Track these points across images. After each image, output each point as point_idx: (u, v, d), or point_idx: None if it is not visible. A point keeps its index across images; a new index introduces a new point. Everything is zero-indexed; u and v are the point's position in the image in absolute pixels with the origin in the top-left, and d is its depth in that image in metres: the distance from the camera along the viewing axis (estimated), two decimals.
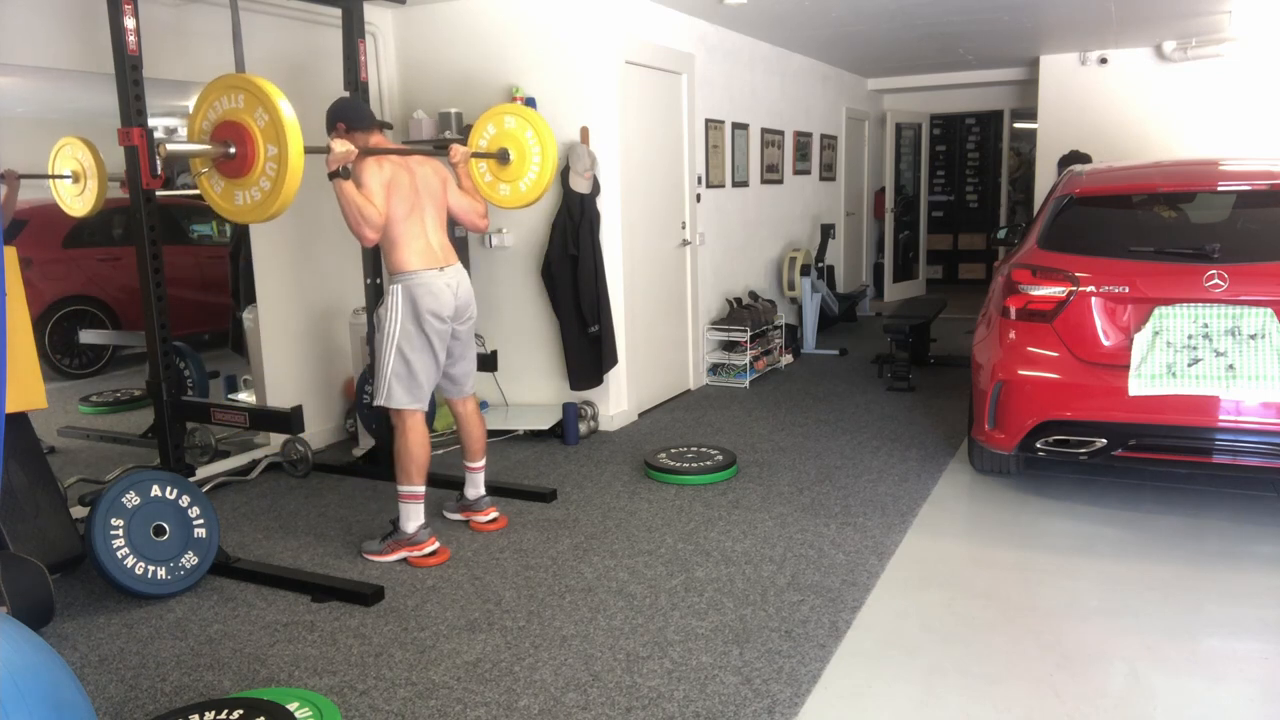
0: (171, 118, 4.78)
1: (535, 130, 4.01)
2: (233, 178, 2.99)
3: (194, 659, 2.93)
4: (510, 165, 4.06)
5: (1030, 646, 2.86)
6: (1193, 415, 3.59)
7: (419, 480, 3.61)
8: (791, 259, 7.68)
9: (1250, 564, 3.41)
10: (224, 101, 2.97)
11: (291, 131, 2.87)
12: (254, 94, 2.90)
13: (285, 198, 2.91)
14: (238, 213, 3.06)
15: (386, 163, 3.48)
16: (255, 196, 2.97)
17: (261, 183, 2.94)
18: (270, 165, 2.91)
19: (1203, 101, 7.95)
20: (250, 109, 2.91)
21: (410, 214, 3.54)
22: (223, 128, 2.97)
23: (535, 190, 4.08)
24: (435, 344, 3.60)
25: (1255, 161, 4.27)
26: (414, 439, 3.60)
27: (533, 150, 4.03)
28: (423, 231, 3.58)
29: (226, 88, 2.97)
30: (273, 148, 2.89)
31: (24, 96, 4.12)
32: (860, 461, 4.71)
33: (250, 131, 2.91)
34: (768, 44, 7.40)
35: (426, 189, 3.63)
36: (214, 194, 3.09)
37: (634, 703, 2.59)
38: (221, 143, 2.95)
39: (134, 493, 3.33)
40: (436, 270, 3.57)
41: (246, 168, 2.95)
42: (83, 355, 4.58)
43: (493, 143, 4.08)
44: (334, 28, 4.56)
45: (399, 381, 3.55)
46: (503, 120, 4.06)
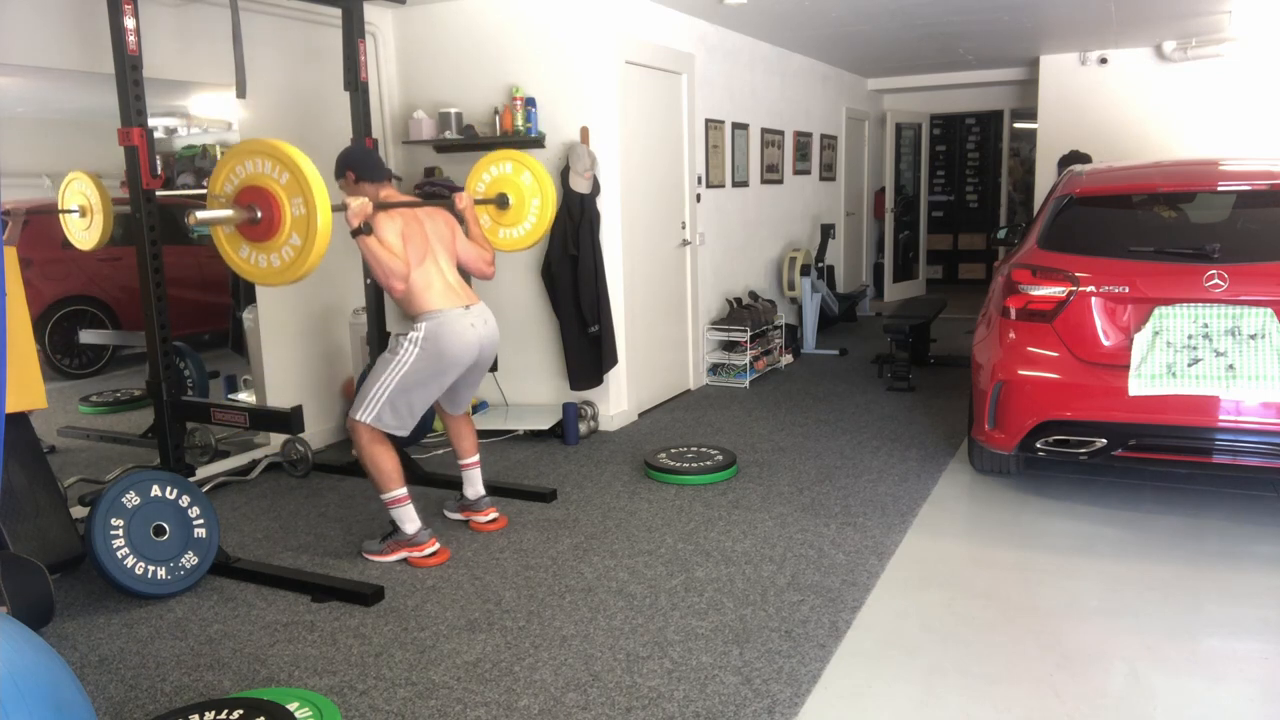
0: (171, 117, 4.78)
1: (531, 171, 4.10)
2: (258, 242, 2.98)
3: (194, 659, 2.93)
4: (509, 210, 4.15)
5: (1030, 646, 2.86)
6: (1193, 415, 3.59)
7: (398, 484, 3.59)
8: (791, 259, 7.68)
9: (1250, 564, 3.41)
10: (241, 169, 2.97)
11: (315, 182, 2.86)
12: (271, 155, 2.90)
13: (314, 260, 2.90)
14: (263, 275, 3.04)
15: (397, 215, 3.52)
16: (288, 255, 2.95)
17: (292, 240, 2.92)
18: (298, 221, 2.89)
19: (1203, 101, 7.95)
20: (270, 170, 2.91)
21: (424, 261, 3.56)
22: (244, 194, 2.96)
23: (536, 233, 4.18)
24: (446, 382, 3.62)
25: (1255, 161, 4.27)
26: (379, 450, 3.56)
27: (531, 194, 4.11)
28: (439, 274, 3.60)
29: (242, 154, 2.97)
30: (298, 202, 2.88)
31: (24, 96, 4.12)
32: (860, 461, 4.71)
33: (273, 191, 2.90)
34: (768, 44, 7.40)
35: (438, 237, 3.66)
36: (237, 258, 3.08)
37: (634, 703, 2.59)
38: (246, 207, 2.95)
39: (134, 493, 3.33)
40: (461, 309, 3.58)
41: (274, 229, 2.93)
42: (83, 355, 4.58)
43: (490, 188, 4.16)
44: (334, 28, 4.56)
45: (391, 409, 3.52)
46: (496, 168, 4.15)
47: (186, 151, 4.85)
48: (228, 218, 2.96)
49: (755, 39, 7.14)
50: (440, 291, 3.55)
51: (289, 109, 4.98)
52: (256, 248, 3.00)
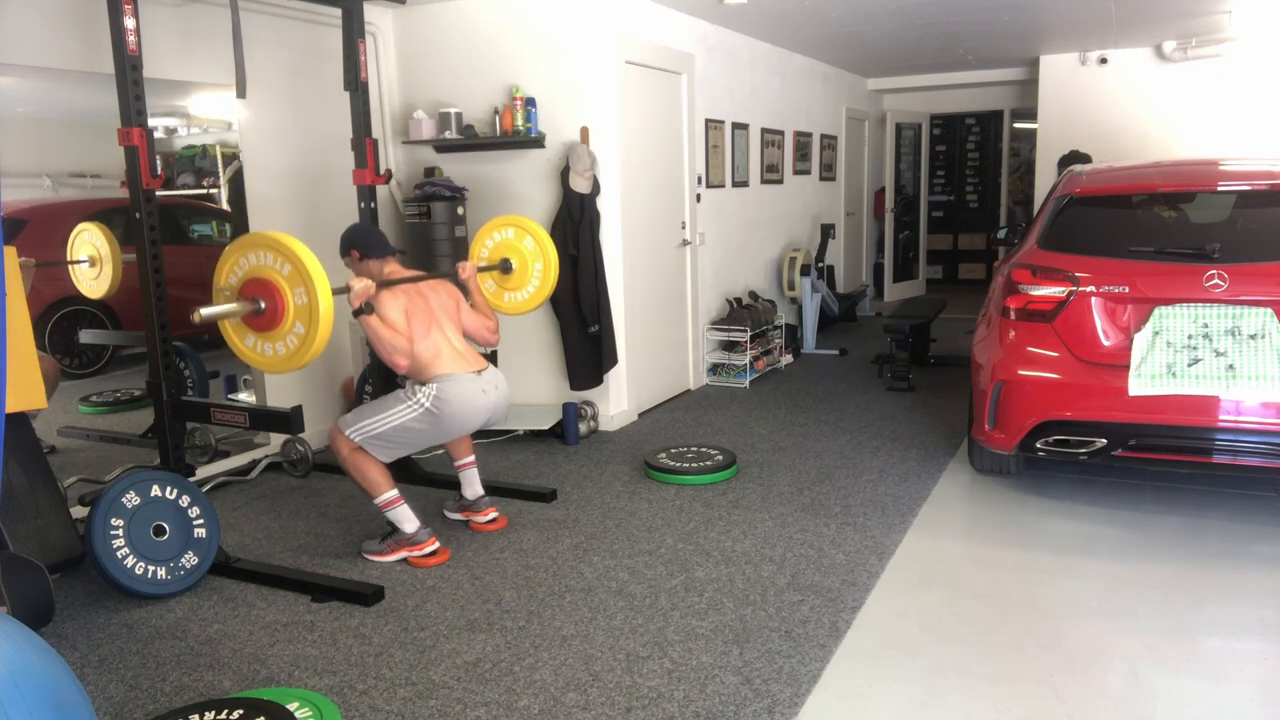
0: (171, 118, 4.78)
1: (534, 236, 4.16)
2: (262, 332, 3.06)
3: (194, 659, 2.93)
4: (513, 274, 4.21)
5: (1030, 646, 2.86)
6: (1193, 415, 3.59)
7: (387, 486, 3.60)
8: (791, 259, 7.68)
9: (1250, 564, 3.41)
10: (244, 261, 3.04)
11: (317, 273, 2.93)
12: (273, 248, 2.97)
13: (321, 339, 2.98)
14: (269, 363, 3.12)
15: (400, 291, 3.56)
16: (292, 344, 3.03)
17: (296, 329, 3.00)
18: (301, 311, 2.98)
19: (1203, 101, 7.95)
20: (272, 262, 2.98)
21: (430, 332, 3.60)
22: (248, 286, 3.03)
23: (540, 297, 4.24)
24: (447, 439, 3.69)
25: (1255, 161, 4.27)
26: (360, 458, 3.57)
27: (534, 259, 4.18)
28: (447, 340, 3.65)
29: (244, 247, 3.04)
30: (300, 292, 2.96)
31: (24, 96, 4.12)
32: (860, 461, 4.71)
33: (275, 283, 2.98)
34: (768, 44, 7.40)
35: (442, 308, 3.71)
36: (243, 346, 3.15)
37: (634, 703, 2.59)
38: (250, 299, 3.03)
39: (134, 493, 3.33)
40: (473, 374, 3.61)
41: (278, 319, 3.01)
42: (83, 355, 4.58)
43: (494, 253, 4.22)
44: (334, 28, 4.56)
45: (384, 442, 3.55)
46: (499, 234, 4.22)
47: (186, 151, 4.85)
48: (232, 311, 3.04)
49: (755, 39, 7.14)
50: (449, 358, 3.60)
51: (289, 109, 4.98)
52: (261, 337, 3.09)
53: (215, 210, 5.15)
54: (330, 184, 5.17)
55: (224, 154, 4.86)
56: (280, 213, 4.94)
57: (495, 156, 5.43)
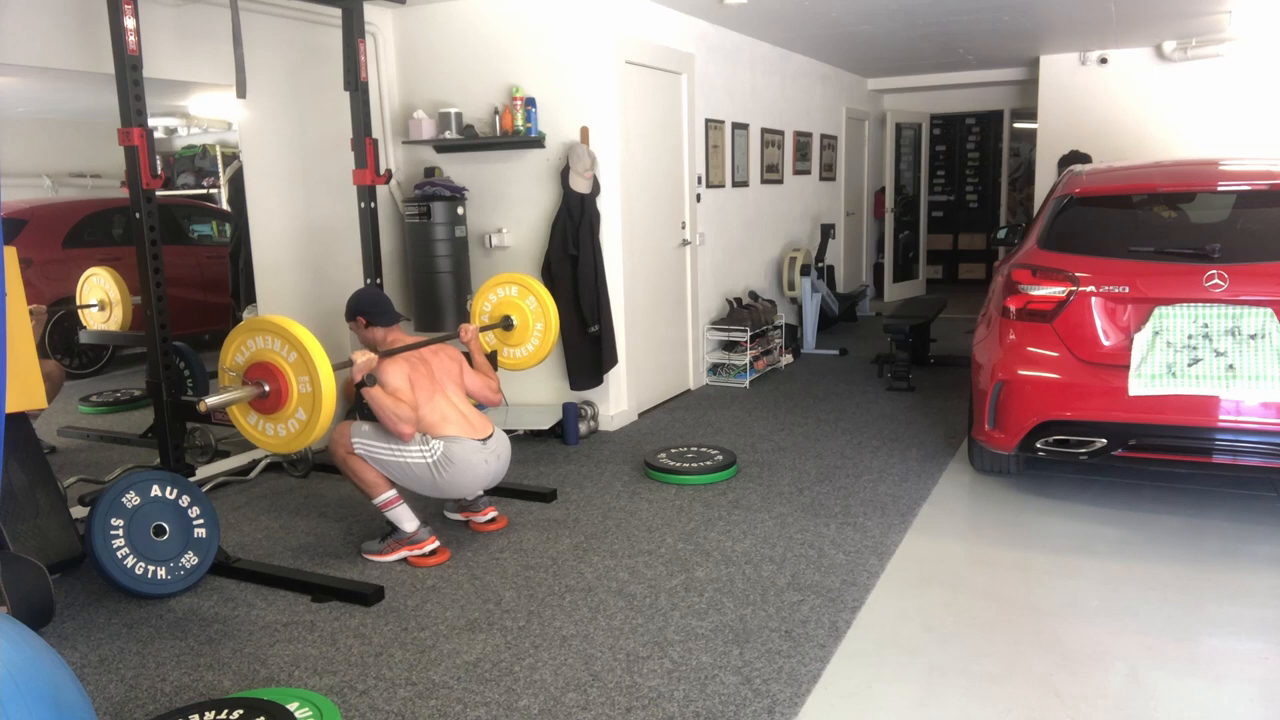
0: (171, 118, 4.79)
1: (535, 296, 4.22)
2: (269, 413, 3.11)
3: (194, 659, 2.93)
4: (514, 331, 4.27)
5: (1030, 646, 2.86)
6: (1193, 415, 3.59)
7: (385, 487, 3.61)
8: (791, 259, 7.68)
9: (1250, 564, 3.41)
10: (251, 344, 3.09)
11: (321, 363, 2.98)
12: (279, 334, 3.02)
13: (323, 424, 3.03)
14: (278, 444, 3.16)
15: (403, 359, 3.59)
16: (294, 427, 3.09)
17: (298, 414, 3.06)
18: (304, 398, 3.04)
19: (1203, 101, 7.95)
20: (279, 348, 3.04)
21: (433, 397, 3.62)
22: (254, 369, 3.09)
23: (539, 354, 4.30)
24: (438, 494, 3.69)
25: (1255, 161, 4.27)
26: (356, 461, 3.58)
27: (535, 318, 4.24)
28: (451, 404, 3.67)
29: (251, 331, 3.09)
30: (304, 380, 3.01)
31: (24, 96, 4.12)
32: (860, 461, 4.71)
33: (281, 369, 3.04)
34: (768, 44, 7.40)
35: (445, 373, 3.74)
36: (246, 424, 3.19)
37: (634, 703, 2.59)
38: (255, 383, 3.08)
39: (134, 493, 3.33)
40: (479, 442, 3.63)
41: (282, 402, 3.06)
42: (83, 355, 4.58)
43: (495, 311, 4.28)
44: (334, 28, 4.56)
45: (383, 470, 3.58)
46: (503, 290, 4.28)
47: (186, 151, 4.86)
48: (238, 398, 3.09)
49: (755, 39, 7.14)
50: (456, 421, 3.62)
51: (289, 109, 4.98)
52: (265, 418, 3.14)
53: (215, 210, 5.15)
54: (331, 184, 5.17)
55: (224, 154, 4.86)
56: (280, 213, 4.94)
57: (495, 156, 5.43)
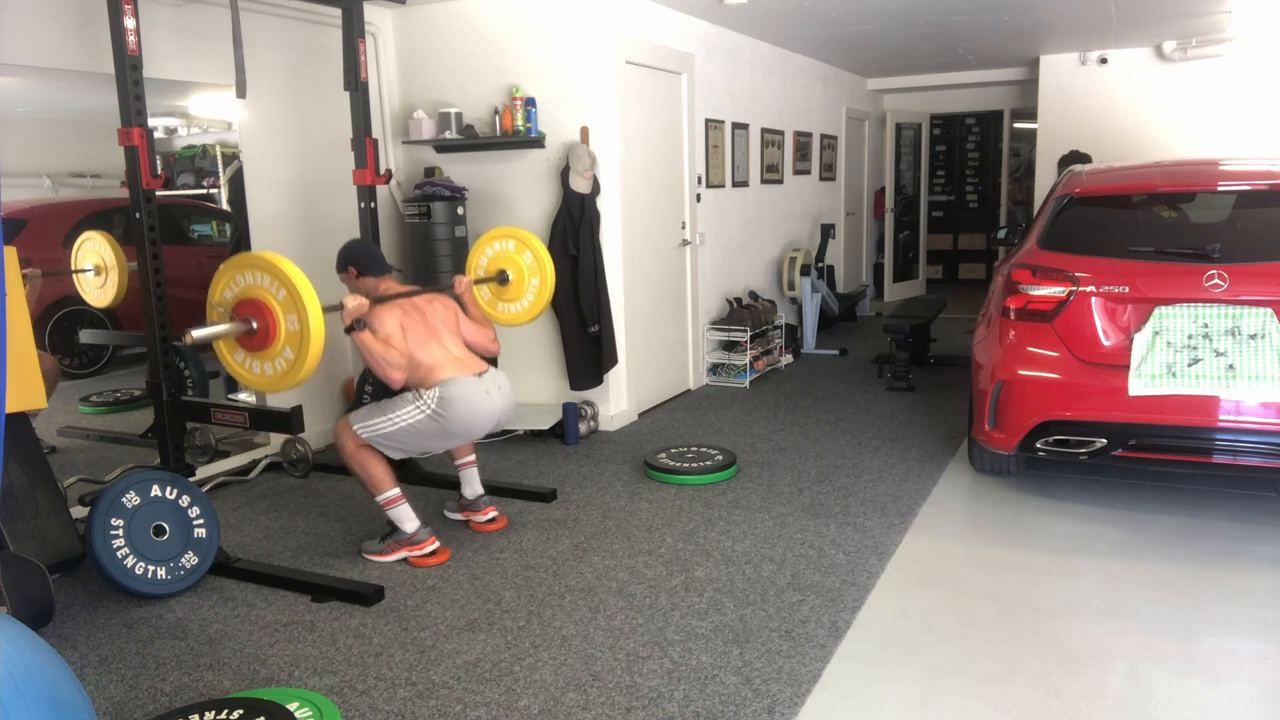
0: (171, 118, 4.78)
1: (532, 251, 4.16)
2: (255, 351, 3.06)
3: (194, 659, 2.93)
4: (510, 286, 4.22)
5: (1030, 646, 2.86)
6: (1193, 415, 3.59)
7: (390, 485, 3.60)
8: (791, 259, 7.68)
9: (1250, 564, 3.41)
10: (241, 279, 3.04)
11: (310, 302, 2.93)
12: (270, 270, 2.97)
13: (310, 365, 2.97)
14: (264, 382, 3.12)
15: (396, 306, 3.57)
16: (280, 366, 3.03)
17: (285, 353, 3.01)
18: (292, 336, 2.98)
19: (1203, 101, 7.95)
20: (268, 284, 2.98)
21: (427, 342, 3.60)
22: (242, 305, 3.03)
23: (534, 310, 4.25)
24: (455, 442, 3.69)
25: (1255, 161, 4.27)
26: (365, 454, 3.58)
27: (531, 273, 4.18)
28: (445, 350, 3.64)
29: (242, 266, 3.04)
30: (293, 319, 2.96)
31: (24, 96, 4.12)
32: (860, 461, 4.71)
33: (269, 306, 2.98)
34: (768, 44, 7.40)
35: (440, 320, 3.72)
36: (232, 361, 3.15)
37: (634, 703, 2.59)
38: (243, 319, 3.03)
39: (134, 493, 3.33)
40: (474, 376, 3.60)
41: (269, 340, 3.01)
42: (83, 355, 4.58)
43: (491, 265, 4.23)
44: (334, 28, 4.56)
45: (394, 441, 3.57)
46: (499, 244, 4.22)
47: (186, 151, 4.86)
48: (224, 332, 3.04)
49: (755, 39, 7.14)
50: (450, 364, 3.60)
51: (289, 109, 4.98)
52: (252, 356, 3.09)
53: (215, 210, 5.15)
54: (330, 184, 5.17)
55: (224, 154, 4.86)
56: (280, 213, 4.94)
57: (495, 156, 5.43)
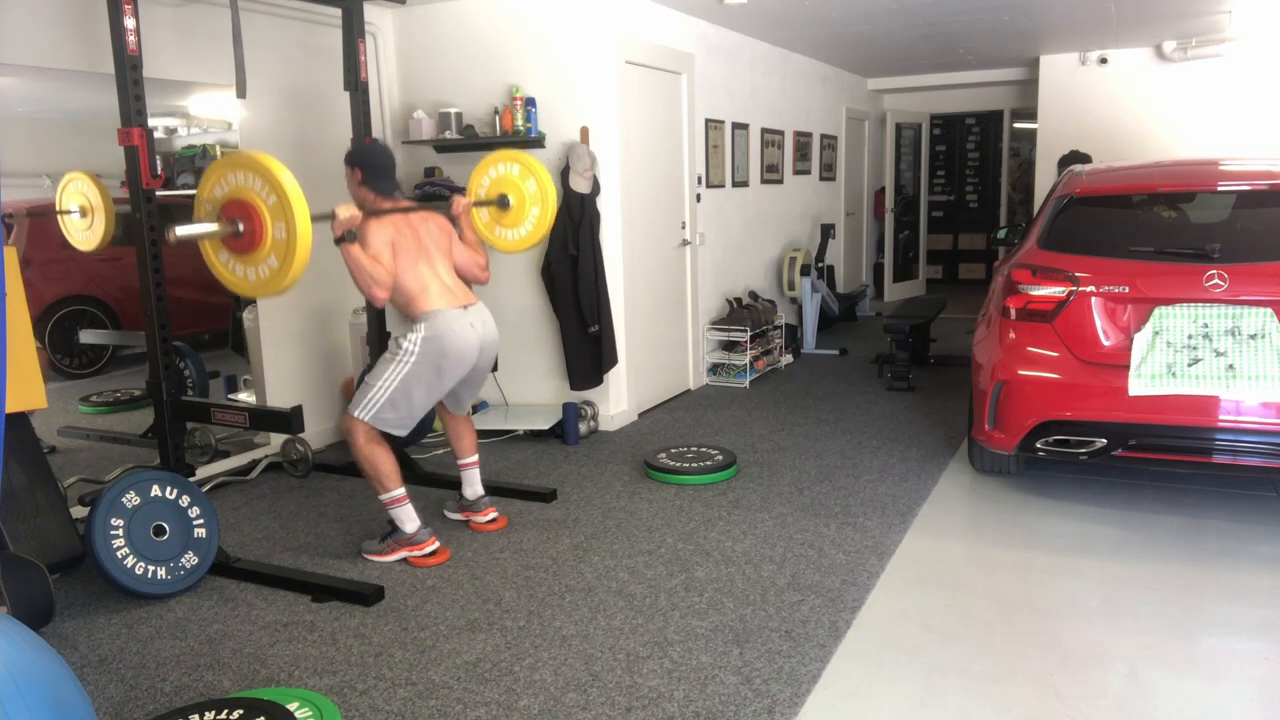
0: (171, 118, 4.78)
1: (537, 179, 4.08)
2: (241, 254, 2.98)
3: (194, 659, 2.93)
4: (510, 211, 4.13)
5: (1030, 646, 2.86)
6: (1193, 415, 3.59)
7: (395, 484, 3.59)
8: (791, 259, 7.68)
9: (1250, 564, 3.41)
10: (231, 179, 2.96)
11: (300, 210, 2.85)
12: (261, 173, 2.89)
13: (294, 275, 2.91)
14: (246, 287, 3.06)
15: (388, 222, 3.49)
16: (264, 273, 2.96)
17: (270, 260, 2.93)
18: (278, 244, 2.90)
19: (1203, 101, 7.95)
20: (258, 187, 2.90)
21: (417, 264, 3.54)
22: (230, 205, 2.96)
23: (533, 238, 4.16)
24: (445, 383, 3.60)
25: (1255, 161, 4.27)
26: (376, 449, 3.55)
27: (533, 201, 4.10)
28: (435, 275, 3.59)
29: (233, 166, 2.97)
30: (281, 226, 2.88)
31: (24, 96, 4.12)
32: (860, 461, 4.71)
33: (258, 210, 2.89)
34: (768, 44, 7.40)
35: (432, 241, 3.64)
36: (216, 261, 3.09)
37: (634, 703, 2.59)
38: (230, 220, 2.96)
39: (134, 493, 3.33)
40: (460, 309, 3.56)
41: (255, 245, 2.93)
42: (83, 355, 4.58)
43: (493, 188, 4.14)
44: (334, 28, 4.56)
45: (392, 406, 3.51)
46: (504, 166, 4.13)
47: (186, 151, 4.86)
48: (210, 233, 2.96)
49: (755, 39, 7.14)
50: (437, 292, 3.54)
51: (289, 109, 4.98)
52: (236, 258, 3.01)
53: None
54: (330, 184, 5.17)
55: (224, 154, 4.86)
56: None
57: None
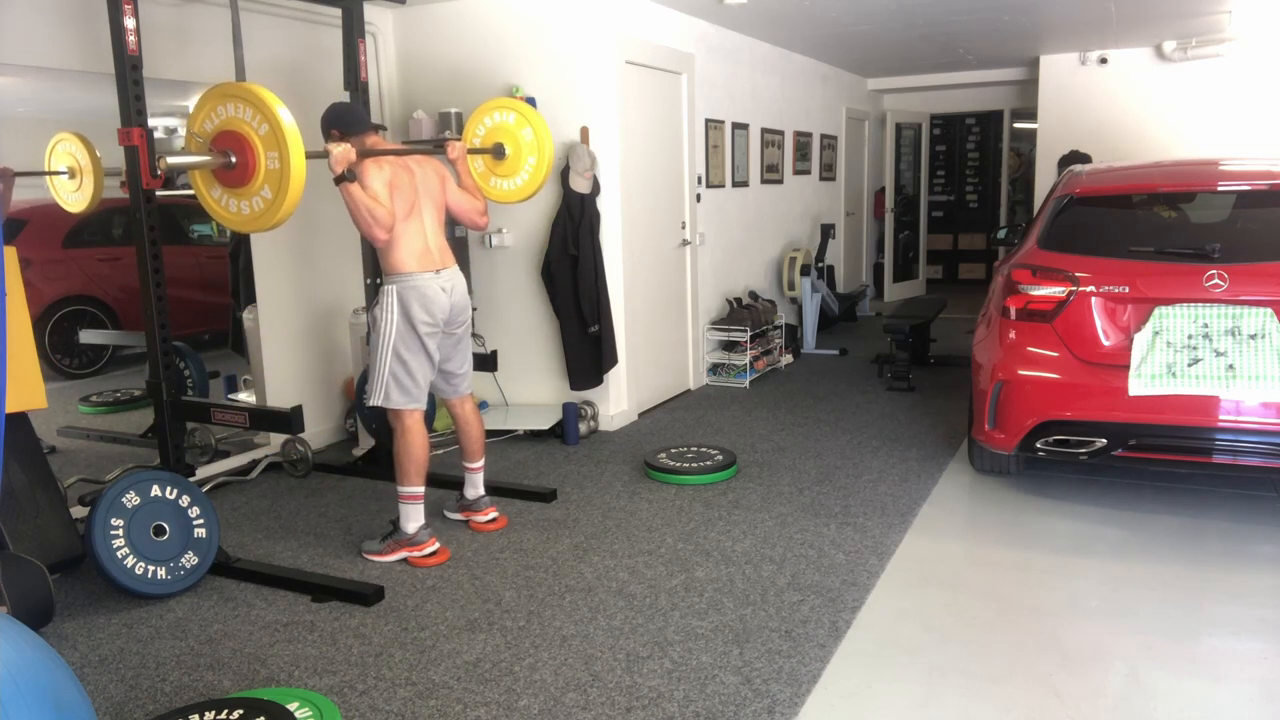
0: (171, 118, 4.78)
1: (533, 128, 4.00)
2: (233, 187, 2.93)
3: (194, 659, 2.93)
4: (506, 160, 4.06)
5: (1030, 646, 2.86)
6: (1193, 415, 3.59)
7: (418, 481, 3.61)
8: (791, 259, 7.68)
9: (1250, 564, 3.41)
10: (222, 110, 2.90)
11: (293, 140, 2.81)
12: (253, 103, 2.84)
13: (288, 207, 2.86)
14: (239, 222, 3.01)
15: (385, 163, 3.48)
16: (258, 206, 2.91)
17: (263, 192, 2.88)
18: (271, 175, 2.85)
19: (1203, 101, 7.95)
20: (250, 117, 2.85)
21: (410, 214, 3.53)
22: (222, 137, 2.90)
23: (528, 188, 4.08)
24: (429, 345, 3.60)
25: (1255, 161, 4.27)
26: (413, 439, 3.60)
27: (529, 151, 4.01)
28: (421, 232, 3.58)
29: (224, 96, 2.91)
30: (274, 156, 2.83)
31: (24, 96, 4.12)
32: (860, 461, 4.71)
33: (250, 140, 2.85)
34: (768, 44, 7.40)
35: (426, 188, 3.62)
36: (213, 202, 3.04)
37: (634, 703, 2.59)
38: (221, 152, 2.90)
39: (134, 493, 3.33)
40: (433, 273, 3.57)
41: (248, 177, 2.88)
42: (83, 355, 4.58)
43: (488, 136, 4.07)
44: (334, 28, 4.56)
45: (395, 383, 3.56)
46: (499, 115, 4.05)
47: None
48: (201, 163, 2.91)
49: (755, 39, 7.14)
50: (417, 253, 3.55)
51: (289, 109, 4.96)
52: (229, 192, 2.96)
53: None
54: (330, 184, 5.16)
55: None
56: None
57: None
